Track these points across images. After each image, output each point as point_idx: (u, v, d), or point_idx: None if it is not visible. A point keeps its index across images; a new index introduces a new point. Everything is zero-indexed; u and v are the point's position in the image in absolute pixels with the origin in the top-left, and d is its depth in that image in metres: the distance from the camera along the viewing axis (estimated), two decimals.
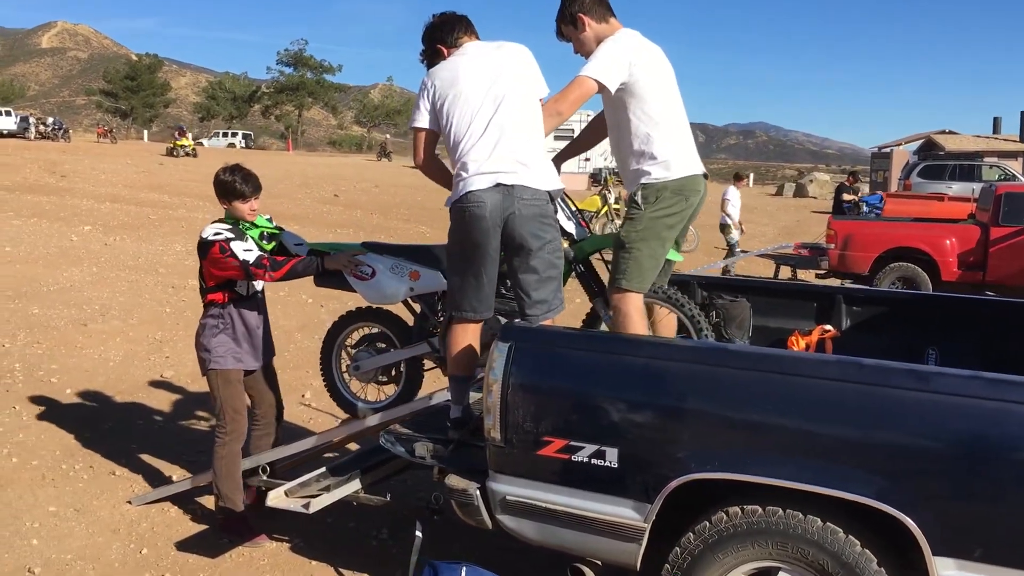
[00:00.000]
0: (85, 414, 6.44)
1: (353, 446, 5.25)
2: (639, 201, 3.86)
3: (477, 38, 4.03)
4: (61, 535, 4.57)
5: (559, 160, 4.34)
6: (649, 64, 3.87)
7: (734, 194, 15.58)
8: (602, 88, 3.82)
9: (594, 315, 4.36)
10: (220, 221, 4.60)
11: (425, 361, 4.70)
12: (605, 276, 4.44)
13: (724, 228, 15.65)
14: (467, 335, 3.88)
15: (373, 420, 4.49)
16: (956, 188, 23.37)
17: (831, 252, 12.48)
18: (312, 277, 4.64)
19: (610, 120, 4.05)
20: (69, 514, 4.81)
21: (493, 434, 3.29)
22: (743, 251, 16.02)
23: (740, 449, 2.95)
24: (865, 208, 19.32)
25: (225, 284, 4.57)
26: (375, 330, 4.80)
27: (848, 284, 11.51)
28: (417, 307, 4.64)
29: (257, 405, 4.81)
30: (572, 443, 3.16)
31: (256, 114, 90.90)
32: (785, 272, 14.27)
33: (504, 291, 4.19)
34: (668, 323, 4.19)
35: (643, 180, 3.87)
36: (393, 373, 4.77)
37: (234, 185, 4.52)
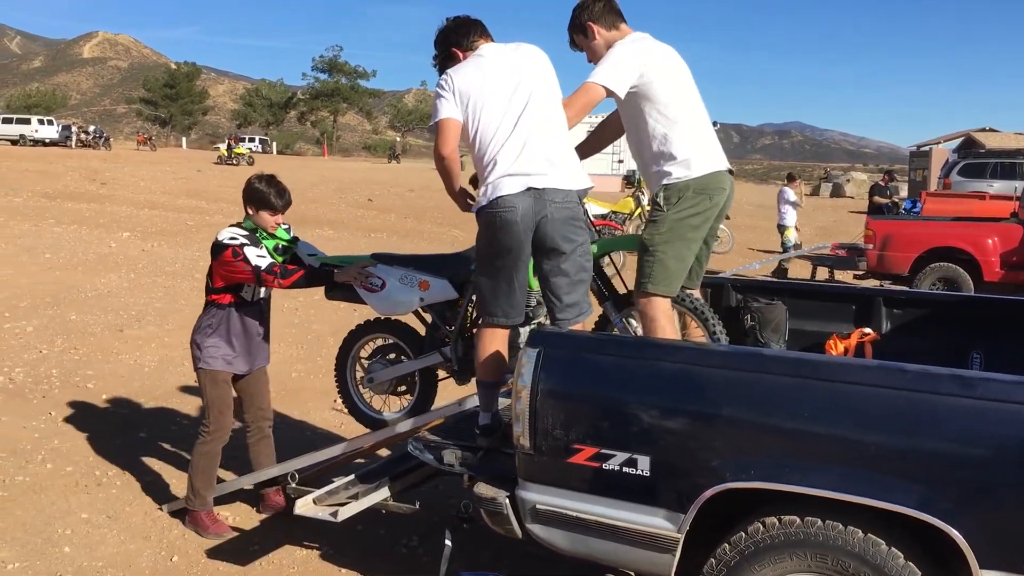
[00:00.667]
0: (120, 420, 6.47)
1: (384, 451, 5.21)
2: (661, 203, 3.81)
3: (492, 40, 3.97)
4: (93, 542, 4.57)
5: None
6: (661, 65, 3.82)
7: (791, 195, 15.46)
8: (611, 93, 3.78)
9: (605, 319, 4.30)
10: (237, 225, 4.65)
11: (439, 371, 4.65)
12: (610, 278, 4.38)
13: (783, 229, 15.47)
14: (496, 341, 3.82)
15: (404, 426, 4.45)
16: (997, 186, 22.90)
17: (869, 253, 12.25)
18: (323, 290, 4.68)
19: (627, 124, 4.00)
20: (101, 521, 4.82)
21: (522, 441, 3.22)
22: (787, 251, 15.81)
23: (777, 458, 2.86)
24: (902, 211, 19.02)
25: (231, 288, 4.63)
26: (388, 341, 4.76)
27: (887, 285, 11.30)
28: (428, 317, 4.60)
29: (246, 410, 4.89)
30: (603, 451, 3.09)
31: (292, 120, 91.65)
32: (822, 273, 14.07)
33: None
34: (697, 328, 4.11)
35: (665, 181, 3.81)
36: (408, 384, 4.72)
37: (268, 197, 4.56)
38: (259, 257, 4.48)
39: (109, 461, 5.64)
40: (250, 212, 4.62)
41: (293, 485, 4.48)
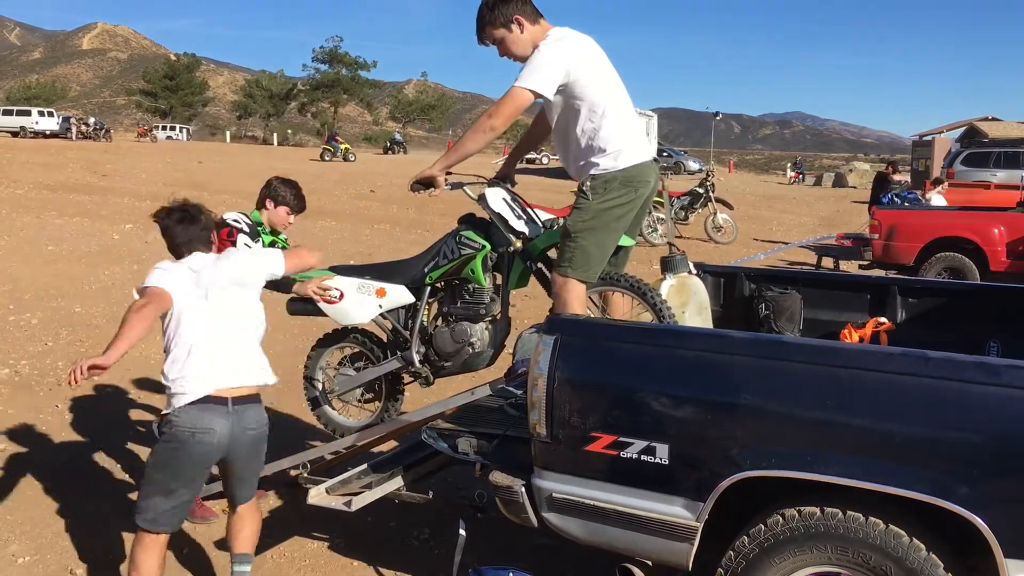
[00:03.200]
0: (127, 413, 6.45)
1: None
2: (587, 192, 3.83)
3: None
4: (102, 535, 4.55)
5: (512, 161, 4.48)
6: (585, 61, 3.85)
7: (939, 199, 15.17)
8: (539, 96, 3.81)
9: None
10: (244, 214, 4.77)
11: (404, 375, 4.66)
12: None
13: None
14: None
15: (416, 416, 4.43)
16: (1001, 175, 22.82)
17: (875, 242, 12.18)
18: (286, 304, 4.75)
19: (555, 120, 4.01)
20: (110, 514, 4.80)
21: (539, 430, 3.21)
22: (784, 243, 15.75)
23: (797, 446, 2.83)
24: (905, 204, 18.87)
25: None
26: (353, 350, 4.77)
27: (892, 275, 11.26)
28: (388, 323, 4.60)
29: None
30: (621, 439, 3.07)
31: (293, 111, 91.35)
32: (827, 263, 14.03)
33: None
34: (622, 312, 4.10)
35: (592, 172, 3.84)
36: (375, 390, 4.72)
37: (290, 199, 4.77)
38: (244, 246, 4.58)
39: (117, 453, 5.62)
40: (268, 207, 4.75)
41: (305, 475, 4.46)
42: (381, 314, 4.51)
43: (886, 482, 2.69)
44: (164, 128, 69.19)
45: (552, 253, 4.40)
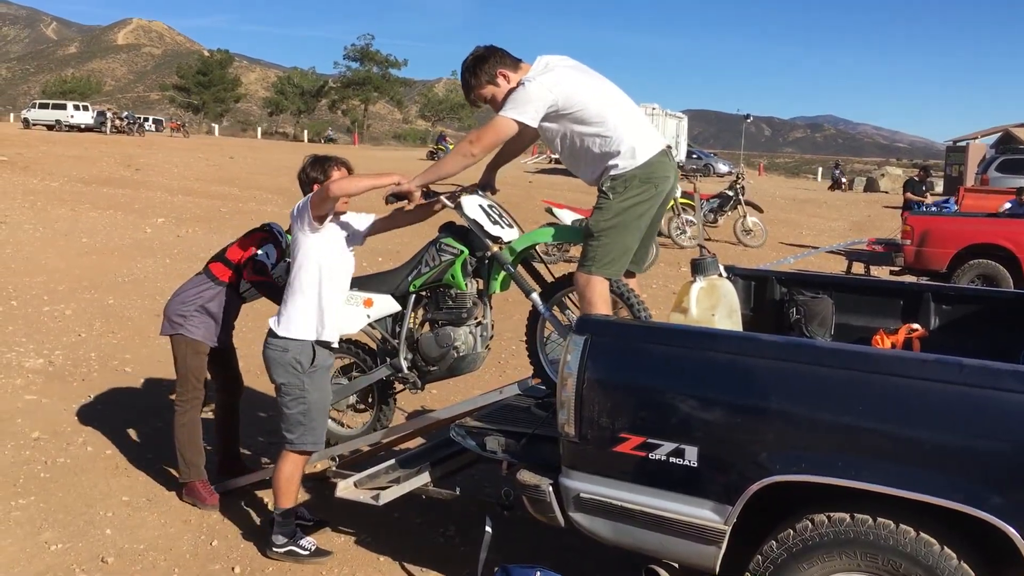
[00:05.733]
0: (158, 404, 6.52)
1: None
2: (607, 192, 3.87)
3: None
4: (134, 525, 4.62)
5: (492, 170, 4.50)
6: (572, 83, 3.89)
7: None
8: (524, 126, 3.88)
9: (535, 312, 4.29)
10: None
11: (396, 383, 4.70)
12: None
13: None
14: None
15: (445, 413, 4.46)
16: None
17: (907, 248, 12.07)
18: None
19: (560, 144, 4.04)
20: (142, 503, 4.87)
21: (568, 429, 3.22)
22: (814, 247, 15.62)
23: (828, 451, 2.81)
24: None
25: (235, 269, 4.91)
26: (345, 361, 4.82)
27: (924, 281, 11.15)
28: (377, 332, 4.64)
29: (217, 383, 5.18)
30: (650, 440, 3.07)
31: (323, 108, 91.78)
32: (858, 269, 13.91)
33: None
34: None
35: (612, 172, 3.87)
36: (369, 398, 4.77)
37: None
38: (264, 254, 4.87)
39: (148, 444, 5.70)
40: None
41: (334, 468, 4.50)
42: (370, 324, 4.58)
43: (917, 489, 2.68)
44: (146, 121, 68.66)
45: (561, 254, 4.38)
